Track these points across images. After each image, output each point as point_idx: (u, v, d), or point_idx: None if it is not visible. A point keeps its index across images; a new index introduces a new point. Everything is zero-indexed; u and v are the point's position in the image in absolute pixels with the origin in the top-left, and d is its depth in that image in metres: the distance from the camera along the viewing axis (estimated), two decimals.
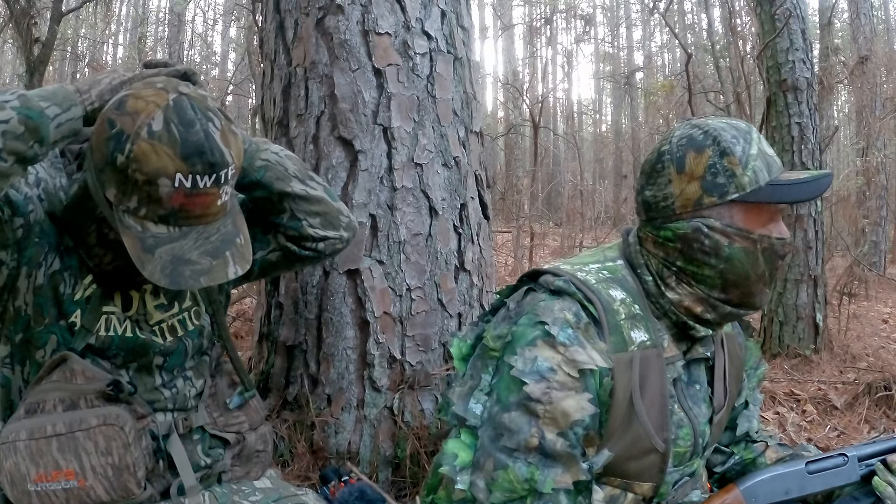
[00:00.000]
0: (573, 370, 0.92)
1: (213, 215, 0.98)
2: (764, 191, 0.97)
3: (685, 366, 1.06)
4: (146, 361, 1.10)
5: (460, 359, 1.07)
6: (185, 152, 0.91)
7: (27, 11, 5.24)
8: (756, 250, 0.99)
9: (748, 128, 1.01)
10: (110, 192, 0.95)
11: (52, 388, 1.01)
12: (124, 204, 0.94)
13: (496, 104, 17.47)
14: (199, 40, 15.63)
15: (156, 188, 0.91)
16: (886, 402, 2.91)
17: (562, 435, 0.91)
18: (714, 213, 0.98)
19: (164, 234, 0.94)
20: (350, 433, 1.81)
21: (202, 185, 0.93)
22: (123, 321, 1.09)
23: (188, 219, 0.95)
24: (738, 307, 1.02)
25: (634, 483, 1.00)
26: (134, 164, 0.91)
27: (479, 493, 0.92)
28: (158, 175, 0.91)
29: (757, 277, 1.00)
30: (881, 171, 8.62)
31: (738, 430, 1.22)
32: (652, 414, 0.97)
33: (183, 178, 0.91)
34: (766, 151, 0.99)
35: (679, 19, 16.07)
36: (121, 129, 0.92)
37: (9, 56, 13.49)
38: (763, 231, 0.99)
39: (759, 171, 0.97)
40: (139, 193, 0.93)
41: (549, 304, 0.97)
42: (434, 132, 1.87)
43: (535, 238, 6.61)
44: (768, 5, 3.99)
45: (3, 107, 0.86)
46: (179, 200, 0.93)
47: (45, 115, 0.90)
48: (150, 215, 0.94)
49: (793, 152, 3.89)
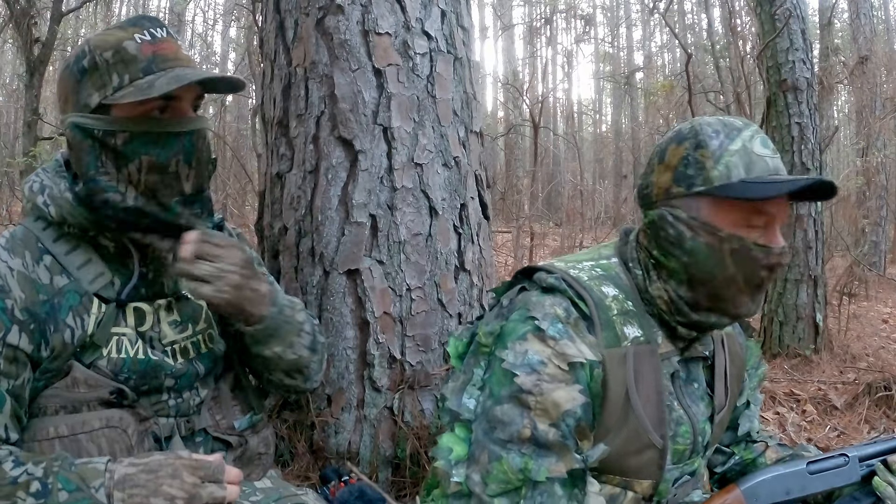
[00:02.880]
0: (563, 363, 0.93)
1: (188, 61, 1.04)
2: (734, 187, 0.94)
3: (683, 364, 1.06)
4: (157, 384, 1.08)
5: (457, 357, 1.08)
6: (130, 22, 1.03)
7: (27, 11, 5.24)
8: (722, 249, 0.96)
9: (744, 125, 0.99)
10: (93, 98, 0.99)
11: (53, 395, 1.00)
12: (109, 88, 0.98)
13: (496, 104, 17.49)
14: (199, 40, 15.63)
15: (124, 51, 0.98)
16: (886, 402, 2.91)
17: (554, 425, 0.92)
18: (682, 203, 0.99)
19: (153, 78, 0.99)
20: (350, 433, 1.81)
21: (159, 35, 1.02)
22: (136, 342, 1.05)
23: (167, 60, 1.00)
24: (708, 312, 0.99)
25: (634, 481, 1.00)
26: (96, 52, 0.99)
27: (474, 486, 0.93)
28: (120, 42, 0.99)
29: (725, 280, 0.97)
30: (881, 171, 8.63)
31: (740, 431, 1.22)
32: (648, 409, 0.98)
33: (140, 35, 1.00)
34: (753, 150, 0.96)
35: (679, 19, 16.08)
36: (72, 56, 1.02)
37: (9, 56, 13.49)
38: (734, 231, 0.95)
39: (734, 167, 0.95)
40: (115, 67, 0.98)
41: (541, 300, 0.98)
42: (434, 132, 1.87)
43: (535, 238, 6.60)
44: (768, 5, 4.00)
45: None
46: (150, 49, 1.00)
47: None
48: (134, 74, 0.98)
49: (793, 152, 3.90)
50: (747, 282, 0.97)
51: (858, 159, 9.03)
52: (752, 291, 0.98)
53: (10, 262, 0.99)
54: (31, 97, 5.74)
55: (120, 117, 1.00)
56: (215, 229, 1.22)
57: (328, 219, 1.81)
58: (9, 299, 0.96)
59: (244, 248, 1.12)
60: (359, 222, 1.79)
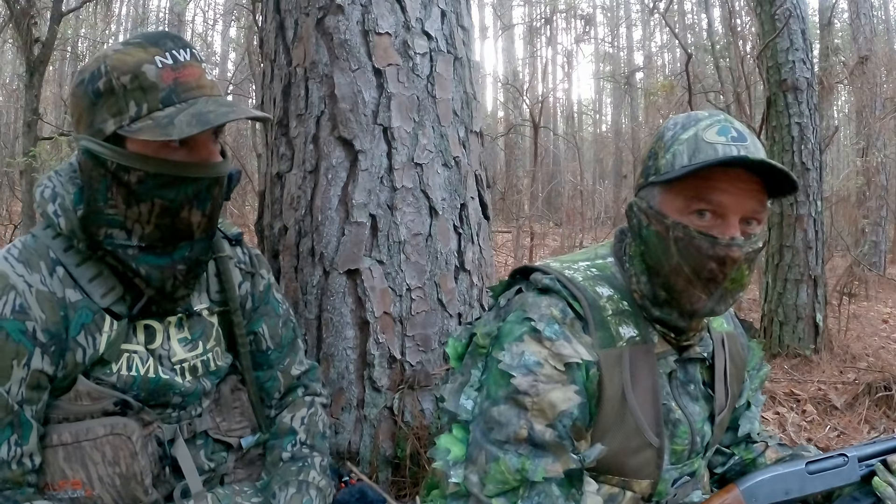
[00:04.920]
0: (559, 364, 0.94)
1: (211, 88, 0.98)
2: (670, 173, 0.94)
3: (681, 364, 1.06)
4: (164, 400, 1.07)
5: (456, 359, 1.09)
6: (150, 41, 0.95)
7: (27, 11, 5.24)
8: (668, 237, 0.95)
9: (708, 116, 0.98)
10: (108, 125, 0.94)
11: (56, 406, 0.99)
12: (126, 117, 0.93)
13: (496, 104, 17.48)
14: (199, 40, 15.62)
15: (143, 77, 0.92)
16: (886, 402, 2.91)
17: (550, 426, 0.92)
18: (644, 194, 1.02)
19: (174, 112, 0.93)
20: (350, 433, 1.81)
21: (182, 58, 0.95)
22: (146, 360, 1.05)
23: (188, 90, 0.95)
24: (669, 308, 0.99)
25: (632, 481, 1.01)
26: (113, 74, 0.93)
27: (472, 486, 0.93)
28: (140, 66, 0.93)
29: (673, 269, 0.95)
30: (881, 171, 8.64)
31: (740, 432, 1.22)
32: (645, 409, 0.98)
33: (161, 58, 0.93)
34: (703, 138, 0.94)
35: (679, 19, 16.07)
36: (88, 73, 0.96)
37: (9, 56, 13.49)
38: (679, 219, 0.94)
39: (679, 154, 0.95)
40: (132, 94, 0.93)
41: (537, 301, 0.99)
42: (434, 132, 1.87)
43: (535, 238, 6.61)
44: (768, 5, 4.00)
45: None
46: (171, 76, 0.93)
47: None
48: (153, 104, 0.93)
49: (793, 152, 3.90)
50: (695, 273, 0.94)
51: (858, 159, 9.03)
52: (703, 285, 0.95)
53: (28, 277, 0.96)
54: (31, 97, 5.73)
55: (135, 153, 0.95)
56: (234, 244, 1.22)
57: (328, 219, 1.81)
58: (30, 321, 0.94)
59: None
60: (359, 222, 1.79)
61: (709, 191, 0.92)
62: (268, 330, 1.24)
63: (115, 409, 1.01)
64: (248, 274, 1.23)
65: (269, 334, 1.24)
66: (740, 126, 0.96)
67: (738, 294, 0.98)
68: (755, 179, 0.93)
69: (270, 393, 1.25)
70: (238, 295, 1.19)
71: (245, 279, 1.22)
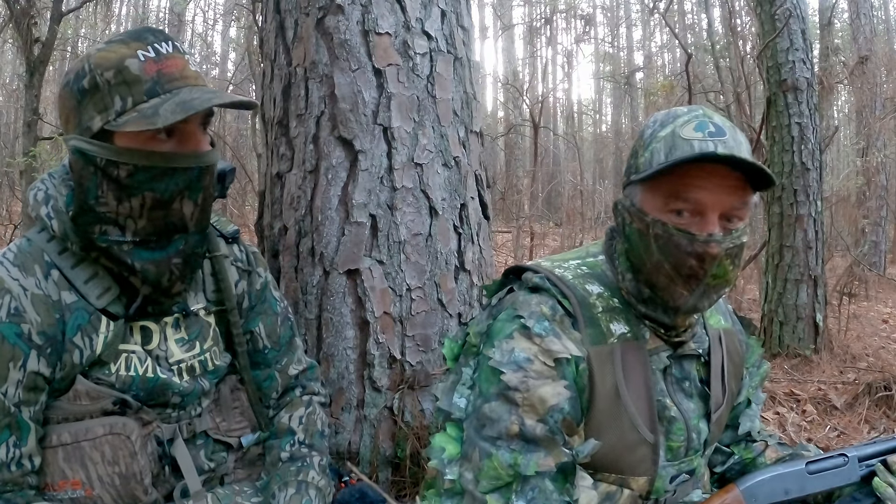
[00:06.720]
0: (549, 359, 0.95)
1: (195, 78, 0.98)
2: (651, 171, 0.93)
3: (676, 360, 1.06)
4: (163, 400, 1.07)
5: (452, 359, 1.10)
6: (132, 37, 0.96)
7: (27, 11, 5.24)
8: (648, 234, 0.95)
9: (687, 112, 0.97)
10: (95, 121, 0.94)
11: (55, 407, 0.99)
12: (111, 112, 0.93)
13: (496, 104, 17.48)
14: (199, 40, 15.63)
15: (127, 71, 0.93)
16: (886, 402, 2.91)
17: (541, 421, 0.93)
18: (627, 192, 1.03)
19: (158, 102, 0.94)
20: (350, 433, 1.81)
21: (164, 50, 0.96)
22: (145, 360, 1.05)
23: (172, 80, 0.95)
24: (654, 305, 0.99)
25: (629, 478, 1.01)
26: (97, 71, 0.94)
27: (467, 483, 0.94)
28: (122, 60, 0.93)
29: (654, 266, 0.96)
30: (881, 171, 8.64)
31: (740, 430, 1.22)
32: (639, 405, 0.99)
33: (144, 51, 0.94)
34: (680, 135, 0.93)
35: (679, 19, 16.07)
36: (73, 73, 0.96)
37: (9, 56, 13.49)
38: (658, 216, 0.94)
39: (657, 152, 0.95)
40: (117, 88, 0.93)
41: (527, 299, 1.00)
42: (434, 132, 1.87)
43: (535, 238, 6.61)
44: (768, 5, 4.00)
45: None
46: (154, 68, 0.94)
47: None
48: (138, 97, 0.93)
49: (793, 152, 3.90)
50: (676, 270, 0.94)
51: (858, 159, 9.03)
52: (684, 282, 0.95)
53: (24, 281, 0.96)
54: (31, 97, 5.74)
55: (124, 147, 0.95)
56: (230, 241, 1.22)
57: (328, 219, 1.81)
58: (25, 324, 0.94)
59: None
60: (359, 222, 1.80)
61: (685, 188, 0.92)
62: (265, 329, 1.24)
63: (114, 409, 1.01)
64: (245, 272, 1.23)
65: (265, 333, 1.24)
66: (720, 120, 0.94)
67: (723, 289, 0.98)
68: (735, 174, 0.92)
69: (268, 393, 1.25)
70: (235, 294, 1.19)
71: (242, 277, 1.22)
